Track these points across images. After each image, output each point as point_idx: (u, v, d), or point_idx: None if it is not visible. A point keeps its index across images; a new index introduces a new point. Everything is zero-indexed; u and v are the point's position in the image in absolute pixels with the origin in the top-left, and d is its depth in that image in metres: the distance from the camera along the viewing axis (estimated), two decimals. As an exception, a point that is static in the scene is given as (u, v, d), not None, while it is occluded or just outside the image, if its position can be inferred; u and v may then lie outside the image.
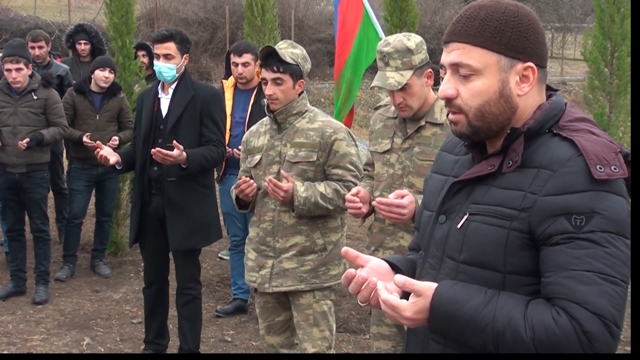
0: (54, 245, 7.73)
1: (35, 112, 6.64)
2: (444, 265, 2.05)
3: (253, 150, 4.37)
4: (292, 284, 4.23)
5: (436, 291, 1.92)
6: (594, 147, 1.88)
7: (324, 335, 4.26)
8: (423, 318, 1.92)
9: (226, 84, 6.65)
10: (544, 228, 1.87)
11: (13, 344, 5.88)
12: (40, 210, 6.83)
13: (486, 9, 2.00)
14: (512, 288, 1.92)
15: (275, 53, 4.13)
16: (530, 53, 1.99)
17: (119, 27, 7.78)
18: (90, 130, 7.11)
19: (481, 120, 2.01)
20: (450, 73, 2.04)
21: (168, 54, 5.02)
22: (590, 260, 1.81)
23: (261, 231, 4.31)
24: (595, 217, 1.83)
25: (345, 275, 2.09)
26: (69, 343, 5.94)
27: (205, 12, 25.22)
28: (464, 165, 2.13)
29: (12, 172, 6.63)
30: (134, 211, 5.24)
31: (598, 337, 1.78)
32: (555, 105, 2.01)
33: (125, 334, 6.14)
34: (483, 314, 1.86)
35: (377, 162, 4.08)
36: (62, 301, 6.85)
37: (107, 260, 7.83)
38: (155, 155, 4.82)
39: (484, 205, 1.97)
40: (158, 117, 5.14)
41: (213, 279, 7.57)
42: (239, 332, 6.27)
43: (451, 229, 2.04)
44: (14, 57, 6.54)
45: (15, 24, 21.70)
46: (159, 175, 5.08)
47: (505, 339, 1.83)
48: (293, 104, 4.24)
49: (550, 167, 1.89)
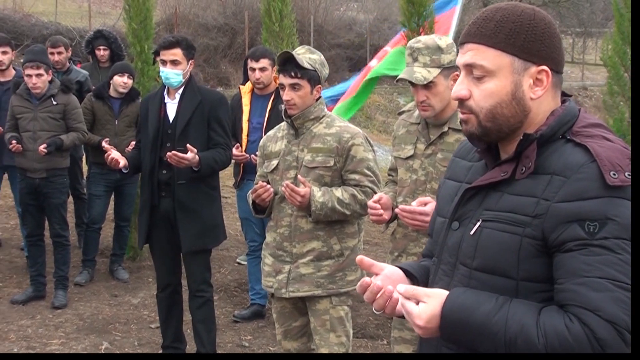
0: (74, 250, 7.78)
1: (54, 117, 6.69)
2: (457, 272, 2.05)
3: (270, 155, 4.38)
4: (309, 290, 4.23)
5: (447, 298, 1.91)
6: (608, 153, 1.87)
7: (340, 341, 4.26)
8: (435, 327, 1.92)
9: (243, 90, 6.67)
10: (557, 235, 1.86)
11: (32, 348, 5.91)
12: (59, 215, 6.87)
13: (502, 11, 2.00)
14: (525, 295, 1.91)
15: (293, 58, 4.13)
16: (545, 57, 1.99)
17: (138, 33, 7.82)
18: (109, 135, 7.15)
19: (492, 121, 2.00)
20: (464, 74, 2.04)
21: (175, 60, 5.08)
22: (603, 267, 1.80)
23: (278, 236, 4.32)
24: (609, 224, 1.82)
25: (361, 283, 2.09)
26: (88, 347, 5.96)
27: (225, 18, 25.29)
28: (477, 171, 2.13)
29: (32, 177, 6.68)
30: (143, 213, 5.27)
31: (610, 344, 1.77)
32: (568, 110, 2.01)
33: (144, 339, 6.16)
34: (494, 320, 1.85)
35: (400, 168, 4.07)
36: (81, 306, 6.88)
37: (126, 265, 7.86)
38: (170, 159, 4.87)
39: (497, 211, 1.97)
40: (165, 122, 5.19)
41: (231, 284, 7.59)
42: (257, 337, 6.28)
43: (464, 235, 2.04)
44: (35, 63, 6.59)
45: (37, 29, 21.88)
46: (168, 178, 5.13)
47: (517, 346, 1.82)
48: (310, 109, 4.24)
49: (563, 173, 1.89)
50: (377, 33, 27.99)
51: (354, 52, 27.87)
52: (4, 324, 6.38)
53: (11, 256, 8.22)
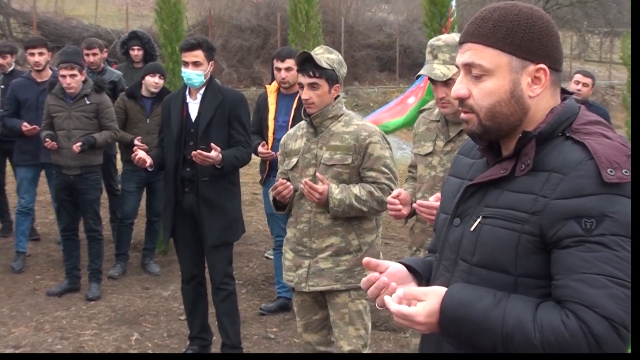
0: (108, 244, 7.85)
1: (88, 116, 6.74)
2: (457, 268, 2.02)
3: (290, 153, 4.37)
4: (328, 284, 4.21)
5: (446, 294, 1.89)
6: (606, 150, 1.83)
7: (359, 334, 4.24)
8: (434, 322, 1.89)
9: (269, 89, 6.66)
10: (555, 231, 1.83)
11: (66, 338, 5.96)
12: (93, 211, 6.92)
13: (500, 10, 1.97)
14: (523, 291, 1.88)
15: (312, 58, 4.12)
16: (543, 55, 1.95)
17: (169, 34, 7.85)
18: (141, 133, 7.19)
19: (492, 120, 1.97)
20: (463, 73, 2.01)
21: (197, 61, 5.09)
22: (600, 264, 1.77)
23: (298, 232, 4.31)
24: (606, 221, 1.78)
25: (368, 278, 2.08)
26: (119, 338, 5.99)
27: (258, 19, 25.37)
28: (478, 168, 2.10)
29: (66, 174, 6.74)
30: (168, 209, 5.30)
31: (606, 340, 1.74)
32: (567, 108, 1.97)
33: (173, 330, 6.18)
34: (492, 316, 1.83)
35: (419, 164, 4.07)
36: (114, 298, 6.93)
37: (157, 259, 7.90)
38: (195, 157, 4.91)
39: (497, 208, 1.94)
40: (187, 121, 5.21)
41: (258, 278, 7.59)
42: (282, 329, 6.28)
43: (465, 231, 2.01)
44: (69, 64, 6.64)
45: (77, 31, 22.12)
46: (191, 175, 5.16)
47: (514, 341, 1.80)
48: (329, 108, 4.22)
49: (561, 170, 1.85)
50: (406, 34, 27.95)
51: (384, 52, 27.86)
52: (39, 315, 6.44)
53: (49, 250, 8.31)
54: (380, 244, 4.48)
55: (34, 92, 7.39)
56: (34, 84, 7.45)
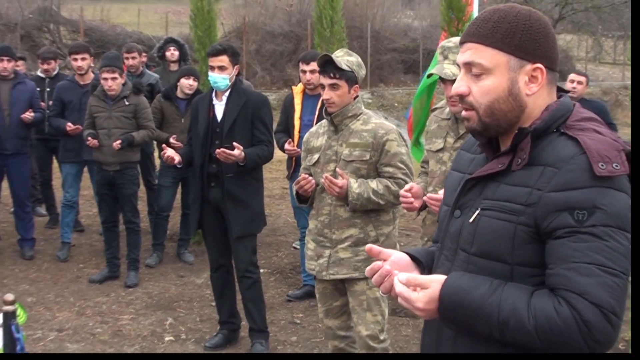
0: (145, 235, 7.91)
1: (126, 116, 6.79)
2: (457, 257, 2.00)
3: (312, 149, 4.37)
4: (347, 272, 4.21)
5: (445, 282, 1.88)
6: (597, 145, 1.81)
7: (376, 320, 4.23)
8: (434, 308, 1.88)
9: (295, 90, 6.67)
10: (549, 222, 1.81)
11: (105, 322, 6.01)
12: (131, 204, 6.97)
13: (499, 12, 1.95)
14: (519, 279, 1.86)
15: (332, 61, 4.12)
16: (540, 55, 1.93)
17: (203, 40, 7.87)
18: (176, 132, 7.22)
19: (491, 116, 1.95)
20: (463, 72, 1.99)
21: (222, 66, 5.11)
22: (591, 253, 1.75)
23: (319, 223, 4.31)
24: (597, 212, 1.76)
25: (372, 267, 2.07)
26: (154, 322, 6.03)
27: (290, 26, 25.40)
28: (478, 163, 2.08)
29: (107, 169, 6.80)
30: (195, 203, 5.33)
31: (597, 326, 1.72)
32: (562, 105, 1.95)
33: (205, 315, 6.21)
34: (489, 302, 1.81)
35: (431, 160, 4.11)
36: (150, 285, 6.98)
37: (191, 248, 7.93)
38: (219, 155, 4.94)
39: (494, 200, 1.92)
40: (214, 121, 5.23)
41: (286, 267, 7.60)
42: (308, 315, 6.28)
43: (464, 223, 1.99)
44: (110, 67, 6.70)
45: (121, 38, 22.31)
46: (217, 171, 5.19)
47: (510, 326, 1.78)
48: (348, 107, 4.22)
49: (555, 164, 1.83)
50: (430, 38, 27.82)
51: (408, 55, 27.78)
52: (82, 300, 6.51)
53: (92, 240, 8.39)
54: (399, 236, 4.47)
55: (77, 94, 7.45)
56: (77, 86, 7.51)
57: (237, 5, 26.90)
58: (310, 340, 5.73)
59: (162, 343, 5.62)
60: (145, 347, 5.53)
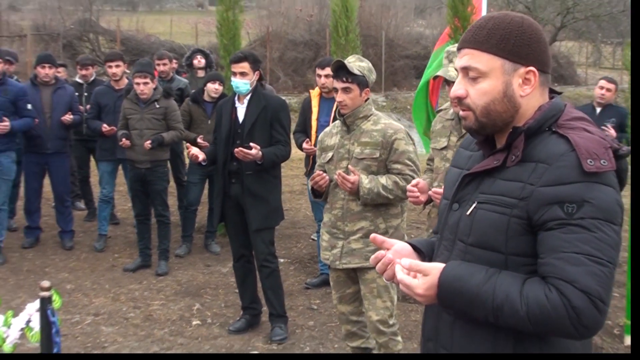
0: (175, 227, 7.93)
1: (157, 118, 6.80)
2: (455, 247, 1.98)
3: (326, 148, 4.36)
4: (359, 262, 4.20)
5: (444, 270, 1.86)
6: (586, 143, 1.79)
7: (386, 306, 4.22)
8: (433, 294, 1.87)
9: (313, 93, 6.66)
10: (540, 215, 1.79)
11: (138, 307, 6.03)
12: (161, 199, 6.99)
13: (494, 19, 1.93)
14: (513, 268, 1.84)
15: (344, 66, 4.11)
16: (532, 59, 1.91)
17: (228, 47, 7.87)
18: (202, 133, 7.22)
19: (487, 117, 1.93)
20: (461, 75, 1.97)
21: (243, 72, 5.12)
22: (580, 244, 1.73)
23: (333, 217, 4.30)
24: (585, 206, 1.74)
25: (376, 256, 2.06)
26: (183, 308, 6.05)
27: (310, 35, 25.40)
28: (476, 160, 2.06)
29: (139, 167, 6.82)
30: (218, 198, 5.33)
31: (585, 312, 1.70)
32: (553, 106, 1.92)
33: (229, 301, 6.21)
34: (484, 289, 1.79)
35: (435, 157, 4.14)
36: (180, 273, 6.99)
37: (218, 240, 7.93)
38: (237, 154, 4.95)
39: (490, 195, 1.90)
40: (236, 123, 5.23)
41: (305, 257, 7.59)
42: (324, 301, 6.27)
43: (462, 215, 1.97)
44: (142, 73, 6.72)
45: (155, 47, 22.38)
46: (237, 169, 5.18)
47: (504, 312, 1.77)
48: (360, 109, 4.20)
49: (546, 161, 1.81)
50: (440, 46, 27.63)
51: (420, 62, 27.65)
52: (116, 287, 6.54)
53: (126, 232, 8.43)
54: (408, 228, 4.45)
55: (112, 98, 7.49)
56: (112, 91, 7.54)
57: (261, 16, 26.92)
58: (326, 325, 5.72)
59: (190, 327, 5.63)
60: (174, 330, 5.54)
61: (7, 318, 3.19)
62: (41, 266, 7.14)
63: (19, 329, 3.11)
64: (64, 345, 5.10)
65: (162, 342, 5.29)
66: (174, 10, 39.57)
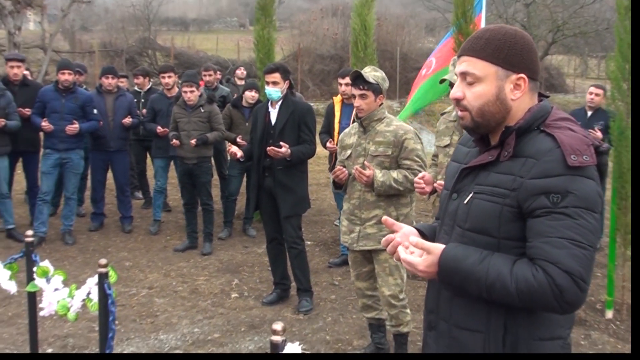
0: (218, 214, 7.92)
1: (202, 121, 6.80)
2: (454, 232, 1.93)
3: (346, 146, 4.32)
4: (373, 245, 4.15)
5: (443, 251, 1.81)
6: (570, 141, 1.73)
7: (396, 282, 4.17)
8: (433, 271, 1.82)
9: (335, 100, 6.64)
10: (529, 204, 1.74)
11: (185, 282, 6.04)
12: (205, 190, 6.98)
13: (490, 31, 1.88)
14: (505, 250, 1.79)
15: (361, 75, 4.07)
16: (523, 67, 1.85)
17: (263, 61, 7.83)
18: (241, 133, 7.19)
19: (481, 117, 1.87)
20: (459, 80, 1.92)
21: (275, 81, 5.09)
22: (564, 230, 1.67)
23: (351, 205, 4.26)
24: (569, 196, 1.69)
25: (386, 238, 2.01)
26: (223, 282, 6.04)
27: (336, 50, 25.27)
28: (472, 155, 2.00)
29: (187, 163, 6.83)
30: (254, 189, 5.31)
31: (567, 289, 1.65)
32: (542, 108, 1.86)
33: (263, 277, 6.19)
34: (478, 269, 1.74)
35: (440, 154, 4.17)
36: (221, 253, 6.98)
37: (254, 225, 7.91)
38: (269, 152, 4.96)
39: (485, 186, 1.85)
40: (268, 125, 5.20)
41: (328, 240, 7.55)
42: (344, 278, 6.22)
43: (460, 204, 1.92)
44: (188, 82, 6.72)
45: (203, 60, 22.39)
46: (270, 164, 5.16)
47: (495, 288, 1.72)
48: (375, 113, 4.16)
49: (535, 156, 1.76)
50: (447, 59, 27.38)
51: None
52: (167, 265, 6.55)
53: (177, 218, 8.44)
54: (417, 216, 4.39)
55: (165, 104, 7.50)
56: (165, 98, 7.56)
57: (293, 35, 26.89)
58: (346, 299, 5.67)
59: (229, 299, 5.62)
60: (215, 302, 5.53)
61: (71, 290, 3.20)
62: (104, 246, 7.18)
63: (80, 300, 3.11)
64: (122, 314, 5.13)
65: (205, 312, 5.29)
66: (220, 30, 39.71)
